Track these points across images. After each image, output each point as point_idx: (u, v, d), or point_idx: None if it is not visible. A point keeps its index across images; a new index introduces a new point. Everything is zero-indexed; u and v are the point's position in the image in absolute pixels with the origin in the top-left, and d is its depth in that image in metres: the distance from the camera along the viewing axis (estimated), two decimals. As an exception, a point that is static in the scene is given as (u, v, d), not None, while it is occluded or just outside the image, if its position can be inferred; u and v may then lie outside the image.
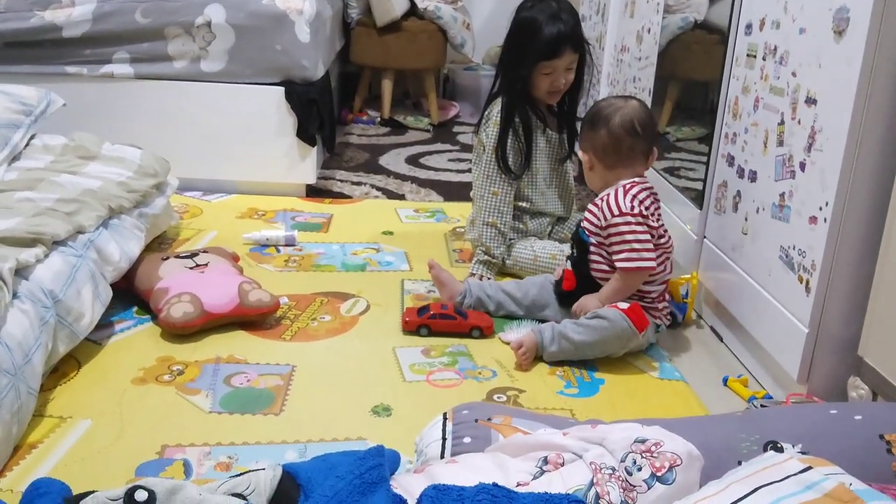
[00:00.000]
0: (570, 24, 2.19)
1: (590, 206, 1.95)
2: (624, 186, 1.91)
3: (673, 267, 1.99)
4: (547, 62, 2.18)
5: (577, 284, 1.96)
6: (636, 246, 1.86)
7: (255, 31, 2.73)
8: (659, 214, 1.94)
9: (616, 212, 1.88)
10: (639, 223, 1.87)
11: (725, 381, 1.84)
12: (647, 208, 1.90)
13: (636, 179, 1.93)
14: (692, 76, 2.43)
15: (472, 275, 2.26)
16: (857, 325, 1.56)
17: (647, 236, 1.87)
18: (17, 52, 2.73)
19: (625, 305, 1.85)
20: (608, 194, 1.91)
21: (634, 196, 1.89)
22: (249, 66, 2.77)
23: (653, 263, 1.87)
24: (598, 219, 1.91)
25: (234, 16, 2.73)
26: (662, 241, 1.93)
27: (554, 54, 2.17)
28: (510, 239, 2.31)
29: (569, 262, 2.02)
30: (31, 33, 2.70)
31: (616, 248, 1.88)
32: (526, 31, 2.18)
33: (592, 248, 1.93)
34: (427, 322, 1.95)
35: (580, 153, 2.00)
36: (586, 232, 1.94)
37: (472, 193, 2.42)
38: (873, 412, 1.34)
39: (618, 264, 1.88)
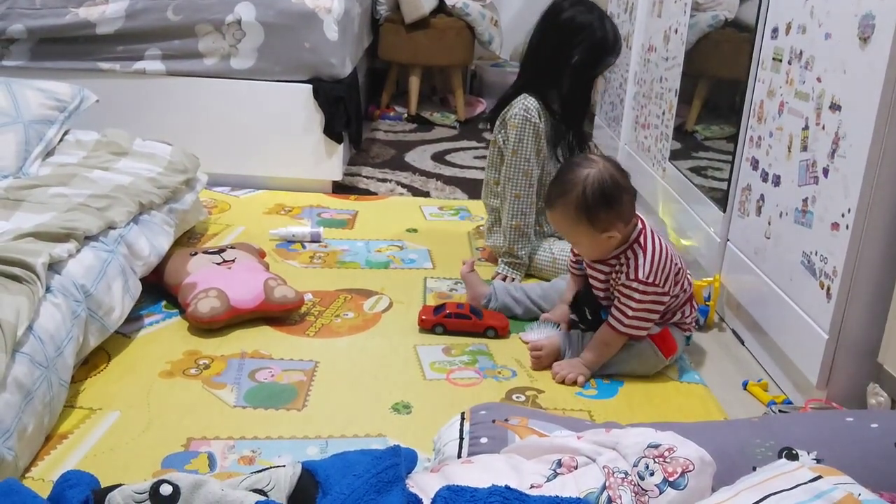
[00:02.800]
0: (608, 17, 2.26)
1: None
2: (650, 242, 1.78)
3: (691, 286, 1.91)
4: (613, 58, 2.23)
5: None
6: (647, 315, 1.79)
7: (285, 30, 2.77)
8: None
9: (633, 276, 1.75)
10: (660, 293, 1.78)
11: (745, 385, 1.85)
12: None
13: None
14: (721, 74, 2.42)
15: (498, 274, 2.28)
16: (878, 332, 1.56)
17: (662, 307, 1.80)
18: (52, 49, 2.79)
19: (656, 330, 1.83)
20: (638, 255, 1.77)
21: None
22: (278, 63, 2.81)
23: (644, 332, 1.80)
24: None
25: (263, 14, 2.76)
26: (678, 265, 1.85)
27: (619, 52, 2.24)
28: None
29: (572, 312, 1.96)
30: (65, 30, 2.76)
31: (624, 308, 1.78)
32: (592, 36, 2.18)
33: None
34: (442, 321, 1.98)
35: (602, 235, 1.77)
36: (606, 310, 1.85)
37: (483, 196, 2.42)
38: (890, 420, 1.34)
39: (620, 327, 1.78)
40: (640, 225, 1.80)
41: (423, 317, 1.99)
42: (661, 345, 1.83)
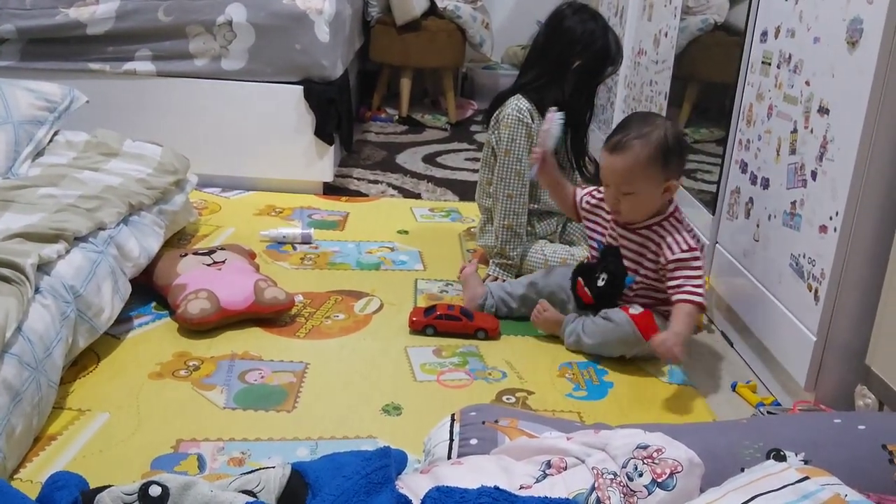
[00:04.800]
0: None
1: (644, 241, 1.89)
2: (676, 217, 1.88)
3: None
4: (614, 67, 2.26)
5: (594, 301, 1.95)
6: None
7: (276, 31, 2.77)
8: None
9: (685, 247, 1.83)
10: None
11: (734, 386, 1.85)
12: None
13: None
14: (711, 78, 2.43)
15: (489, 276, 2.28)
16: (865, 335, 1.57)
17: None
18: (42, 49, 2.78)
19: (637, 311, 1.87)
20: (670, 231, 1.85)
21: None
22: (269, 64, 2.81)
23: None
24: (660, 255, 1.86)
25: (254, 15, 2.76)
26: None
27: (621, 61, 2.28)
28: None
29: (581, 278, 1.99)
30: (55, 30, 2.75)
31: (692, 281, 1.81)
32: (594, 44, 2.20)
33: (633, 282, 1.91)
34: (433, 322, 1.98)
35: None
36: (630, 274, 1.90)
37: (476, 196, 2.43)
38: (877, 422, 1.35)
39: (695, 298, 1.79)
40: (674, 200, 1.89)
41: (414, 318, 1.99)
42: (640, 323, 1.85)
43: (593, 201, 2.02)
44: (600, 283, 1.92)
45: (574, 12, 2.22)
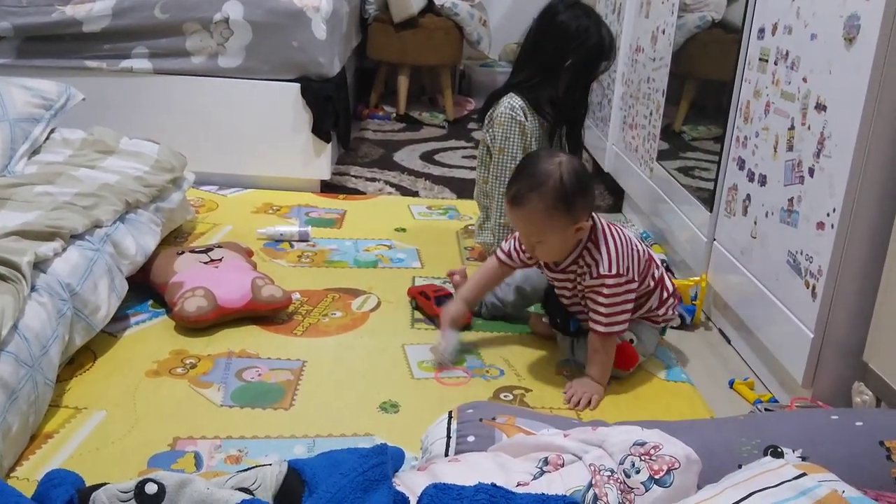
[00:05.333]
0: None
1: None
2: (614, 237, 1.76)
3: (661, 275, 1.89)
4: (608, 63, 2.24)
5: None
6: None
7: (273, 28, 2.76)
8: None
9: (595, 273, 1.73)
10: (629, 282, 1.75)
11: (732, 383, 1.85)
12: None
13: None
14: (708, 75, 2.43)
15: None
16: (863, 331, 1.57)
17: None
18: (38, 47, 2.77)
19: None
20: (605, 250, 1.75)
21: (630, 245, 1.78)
22: (266, 62, 2.80)
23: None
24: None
25: (251, 12, 2.75)
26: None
27: (614, 57, 2.25)
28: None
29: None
30: (51, 28, 2.74)
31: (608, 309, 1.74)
32: (589, 39, 2.18)
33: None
34: (416, 296, 2.11)
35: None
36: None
37: (475, 195, 2.42)
38: (874, 419, 1.35)
39: (601, 328, 1.74)
40: (593, 222, 1.76)
41: (411, 287, 2.16)
42: (618, 359, 1.79)
43: (520, 250, 1.87)
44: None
45: (567, 7, 2.21)
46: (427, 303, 2.06)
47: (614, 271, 1.71)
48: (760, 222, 1.88)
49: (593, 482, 1.08)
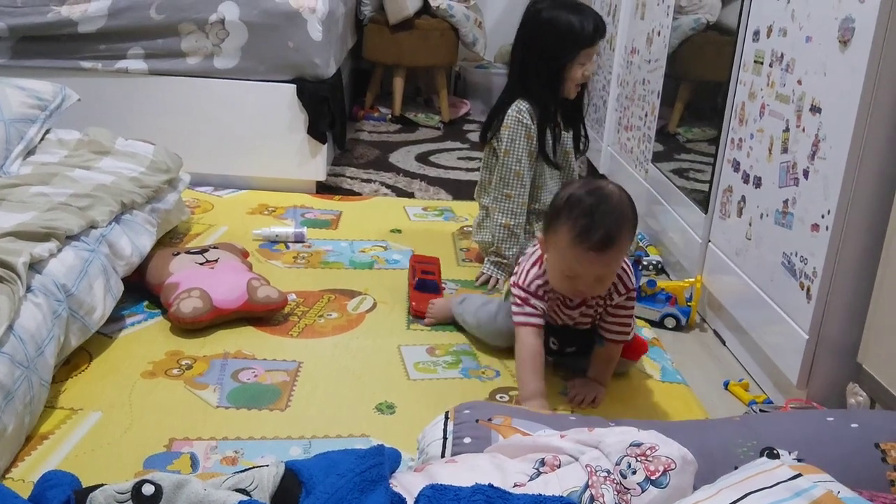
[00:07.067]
0: (592, 10, 2.24)
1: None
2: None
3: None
4: (587, 49, 2.19)
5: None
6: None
7: (268, 29, 2.76)
8: None
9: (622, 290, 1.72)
10: None
11: (726, 384, 1.86)
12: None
13: None
14: (703, 77, 2.44)
15: (482, 274, 2.28)
16: (857, 333, 1.58)
17: None
18: (34, 47, 2.77)
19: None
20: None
21: None
22: (262, 63, 2.80)
23: None
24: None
25: (247, 13, 2.75)
26: None
27: (593, 41, 2.20)
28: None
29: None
30: (47, 28, 2.74)
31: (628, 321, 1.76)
32: (558, 26, 2.16)
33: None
34: (412, 281, 2.18)
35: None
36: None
37: (475, 194, 2.42)
38: (870, 420, 1.36)
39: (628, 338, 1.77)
40: None
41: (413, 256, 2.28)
42: (630, 350, 1.82)
43: (540, 293, 1.71)
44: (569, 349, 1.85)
45: (547, 7, 2.19)
46: (410, 285, 2.12)
47: (635, 282, 1.74)
48: (755, 224, 1.89)
49: (590, 483, 1.08)
